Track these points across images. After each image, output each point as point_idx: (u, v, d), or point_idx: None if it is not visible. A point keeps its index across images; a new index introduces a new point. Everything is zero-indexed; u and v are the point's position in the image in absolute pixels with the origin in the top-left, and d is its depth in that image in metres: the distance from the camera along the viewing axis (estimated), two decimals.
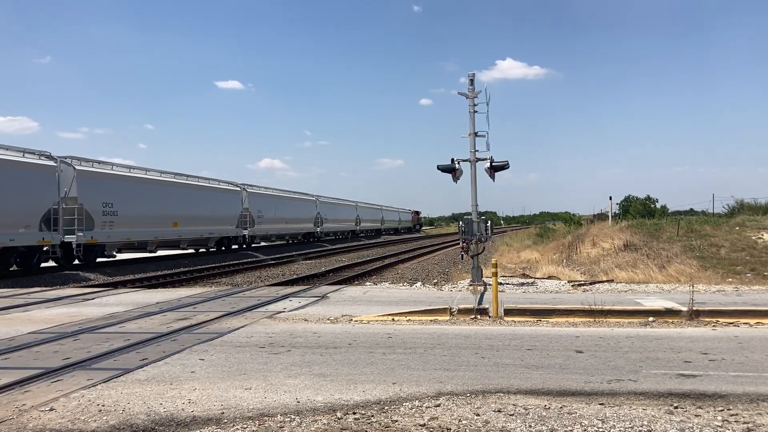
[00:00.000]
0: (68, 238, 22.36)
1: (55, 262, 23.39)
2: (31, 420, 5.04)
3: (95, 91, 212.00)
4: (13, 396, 5.74)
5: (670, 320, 9.90)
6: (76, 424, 4.96)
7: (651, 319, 9.94)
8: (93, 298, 13.40)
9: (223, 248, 35.80)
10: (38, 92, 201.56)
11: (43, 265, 23.02)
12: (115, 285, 18.69)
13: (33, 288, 16.45)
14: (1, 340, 8.55)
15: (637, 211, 48.76)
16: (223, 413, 5.19)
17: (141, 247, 28.23)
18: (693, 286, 12.03)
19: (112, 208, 24.71)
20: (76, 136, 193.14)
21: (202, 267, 25.62)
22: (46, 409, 5.31)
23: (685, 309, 10.15)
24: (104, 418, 5.09)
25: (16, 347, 8.01)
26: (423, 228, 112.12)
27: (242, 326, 9.46)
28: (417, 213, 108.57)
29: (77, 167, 23.37)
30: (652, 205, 51.84)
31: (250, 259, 30.93)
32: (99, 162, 26.05)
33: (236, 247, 37.28)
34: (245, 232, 37.38)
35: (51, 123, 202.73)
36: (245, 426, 4.91)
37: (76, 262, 23.75)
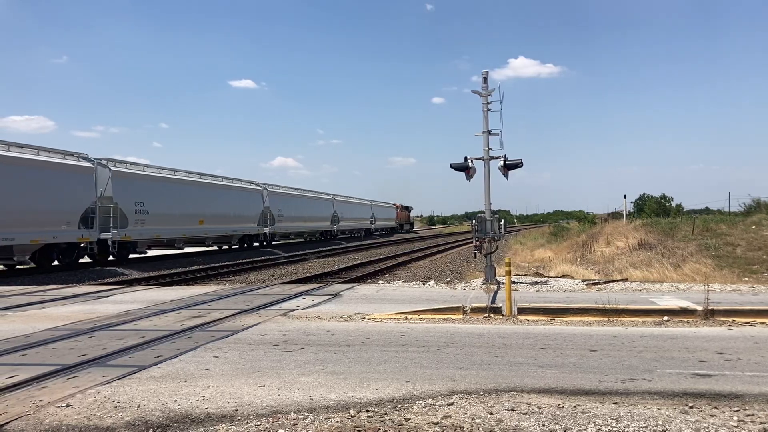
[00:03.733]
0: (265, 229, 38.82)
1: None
2: (48, 416, 5.10)
3: (110, 91, 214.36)
4: (30, 392, 5.81)
5: (685, 319, 9.81)
6: (92, 420, 5.01)
7: (666, 318, 9.86)
8: (108, 296, 13.52)
9: (245, 246, 38.31)
10: (55, 92, 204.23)
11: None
12: (129, 282, 18.86)
13: (49, 285, 16.64)
14: (19, 336, 8.66)
15: (652, 209, 48.38)
16: (237, 410, 5.22)
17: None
18: (708, 286, 11.90)
19: (282, 212, 41.13)
20: (91, 134, 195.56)
21: (218, 264, 26.22)
22: (63, 405, 5.37)
23: (700, 308, 10.04)
24: (119, 414, 5.14)
25: (33, 344, 8.11)
26: (425, 227, 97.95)
27: (256, 324, 9.50)
28: (406, 209, 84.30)
29: (269, 189, 40.07)
30: (667, 204, 51.38)
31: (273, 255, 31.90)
32: (277, 184, 42.71)
33: (257, 244, 39.83)
34: (266, 230, 39.33)
35: (67, 122, 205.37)
36: (259, 423, 4.93)
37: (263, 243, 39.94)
